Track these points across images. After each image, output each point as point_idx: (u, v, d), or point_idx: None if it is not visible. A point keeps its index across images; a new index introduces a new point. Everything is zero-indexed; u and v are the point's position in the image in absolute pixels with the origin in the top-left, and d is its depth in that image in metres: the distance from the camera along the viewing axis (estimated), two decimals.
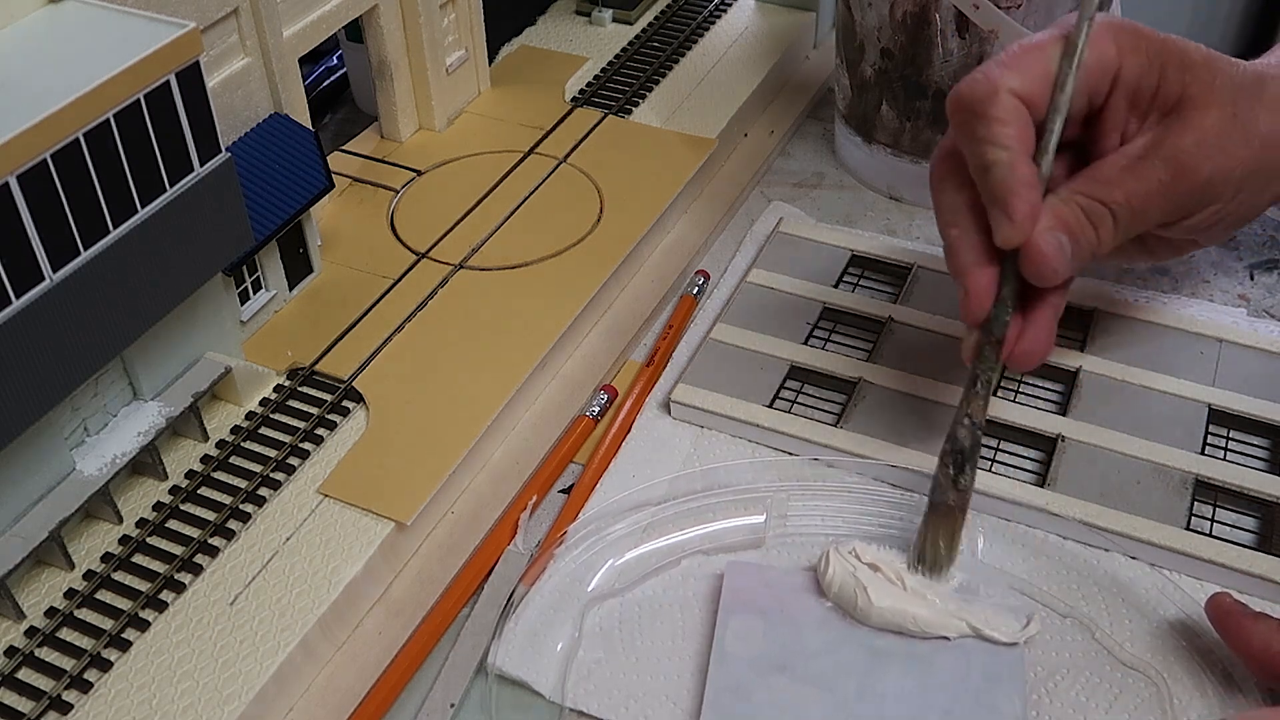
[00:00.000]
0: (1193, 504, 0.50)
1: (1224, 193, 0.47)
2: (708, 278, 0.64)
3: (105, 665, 0.43)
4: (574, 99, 0.74)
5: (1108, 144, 0.48)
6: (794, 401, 0.56)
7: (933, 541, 0.46)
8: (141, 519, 0.48)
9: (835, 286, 0.61)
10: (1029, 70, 0.46)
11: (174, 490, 0.49)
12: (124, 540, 0.47)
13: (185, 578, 0.46)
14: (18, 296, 0.41)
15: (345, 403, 0.53)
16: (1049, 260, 0.45)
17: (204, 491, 0.49)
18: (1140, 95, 0.47)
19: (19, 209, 0.40)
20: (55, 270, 0.42)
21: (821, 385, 0.56)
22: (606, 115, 0.72)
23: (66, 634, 0.44)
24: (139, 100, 0.43)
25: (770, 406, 0.55)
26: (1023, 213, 0.45)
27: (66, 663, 0.43)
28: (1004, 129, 0.45)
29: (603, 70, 0.76)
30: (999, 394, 0.55)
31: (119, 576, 0.46)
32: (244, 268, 0.55)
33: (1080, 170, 0.48)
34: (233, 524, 0.48)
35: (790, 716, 0.43)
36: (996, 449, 0.53)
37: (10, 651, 0.44)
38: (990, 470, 0.51)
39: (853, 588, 0.45)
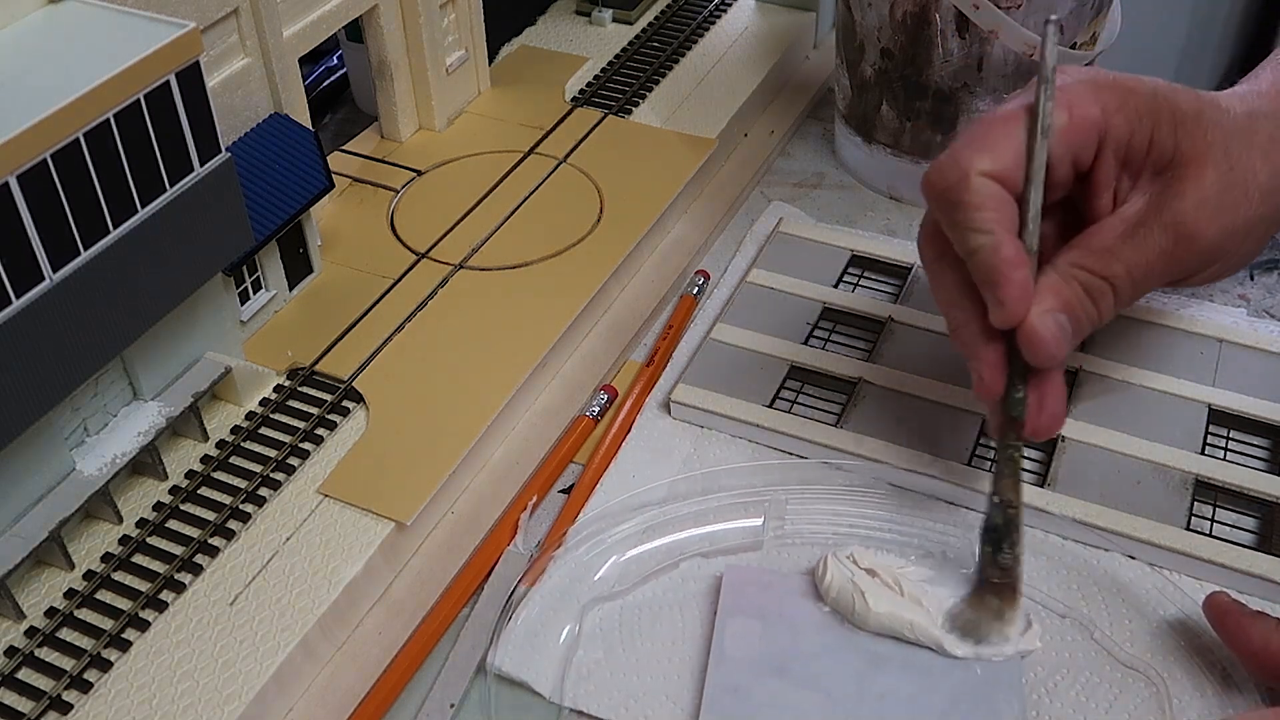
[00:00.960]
0: (1193, 504, 0.50)
1: (1228, 249, 0.46)
2: (708, 278, 0.64)
3: (105, 665, 0.43)
4: (574, 99, 0.74)
5: (1100, 203, 0.47)
6: (794, 402, 0.56)
7: (974, 613, 0.45)
8: (141, 519, 0.48)
9: (835, 286, 0.61)
10: (997, 147, 0.45)
11: (174, 490, 0.49)
12: (124, 540, 0.47)
13: (185, 578, 0.46)
14: (18, 296, 0.41)
15: (345, 403, 0.53)
16: (1047, 345, 0.44)
17: (204, 491, 0.49)
18: (1132, 154, 0.46)
19: (19, 209, 0.40)
20: (55, 270, 0.42)
21: (821, 385, 0.56)
22: (606, 115, 0.72)
23: (66, 634, 0.44)
24: (139, 100, 0.43)
25: (770, 406, 0.55)
26: (1014, 296, 0.43)
27: (66, 663, 0.43)
28: (981, 213, 0.44)
29: (603, 70, 0.76)
30: None
31: (119, 576, 0.46)
32: (244, 268, 0.55)
33: (1074, 231, 0.46)
34: (233, 524, 0.48)
35: (789, 717, 0.43)
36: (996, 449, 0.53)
37: (10, 651, 0.44)
38: (990, 471, 0.51)
39: (850, 593, 0.45)
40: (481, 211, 0.64)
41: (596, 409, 0.56)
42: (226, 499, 0.49)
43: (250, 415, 0.53)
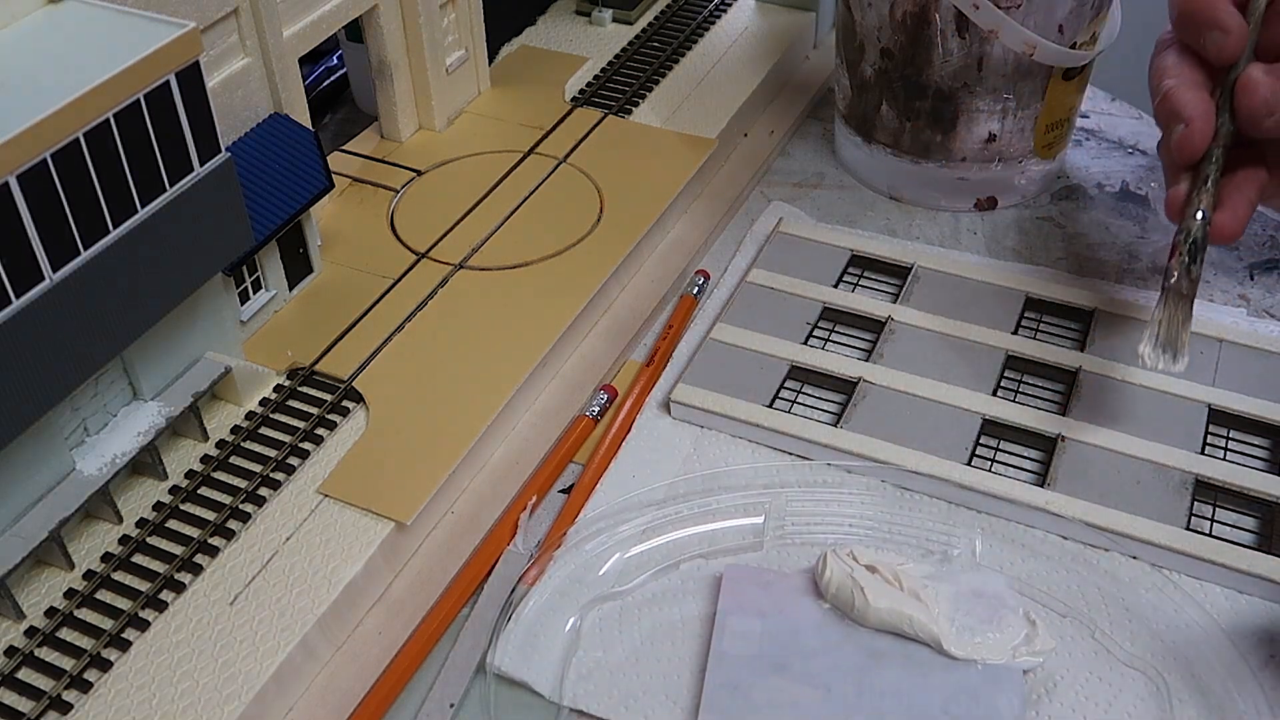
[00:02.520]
0: (1192, 504, 0.50)
1: None
2: (708, 278, 0.64)
3: (105, 665, 0.43)
4: (574, 99, 0.74)
5: None
6: (794, 401, 0.56)
7: (1169, 324, 0.49)
8: (141, 519, 0.48)
9: (835, 286, 0.61)
10: None
11: (174, 490, 0.49)
12: (124, 540, 0.48)
13: (185, 578, 0.46)
14: (18, 296, 0.41)
15: (345, 403, 0.53)
16: (1261, 91, 0.48)
17: (204, 491, 0.49)
18: None
19: (19, 209, 0.40)
20: (55, 270, 0.42)
21: (821, 385, 0.56)
22: (606, 115, 0.72)
23: (66, 634, 0.44)
24: (139, 100, 0.43)
25: (770, 406, 0.55)
26: (1233, 23, 0.48)
27: (66, 663, 0.43)
28: None
29: (603, 70, 0.76)
30: (998, 394, 0.55)
31: (119, 576, 0.46)
32: (244, 268, 0.55)
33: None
34: (233, 524, 0.48)
35: (788, 715, 0.43)
36: (996, 449, 0.53)
37: (10, 651, 0.44)
38: (990, 470, 0.51)
39: (850, 589, 0.45)
40: (481, 211, 0.64)
41: (596, 409, 0.56)
42: (226, 499, 0.49)
43: (250, 415, 0.53)
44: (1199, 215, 0.49)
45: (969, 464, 0.51)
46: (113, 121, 0.42)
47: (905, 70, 0.65)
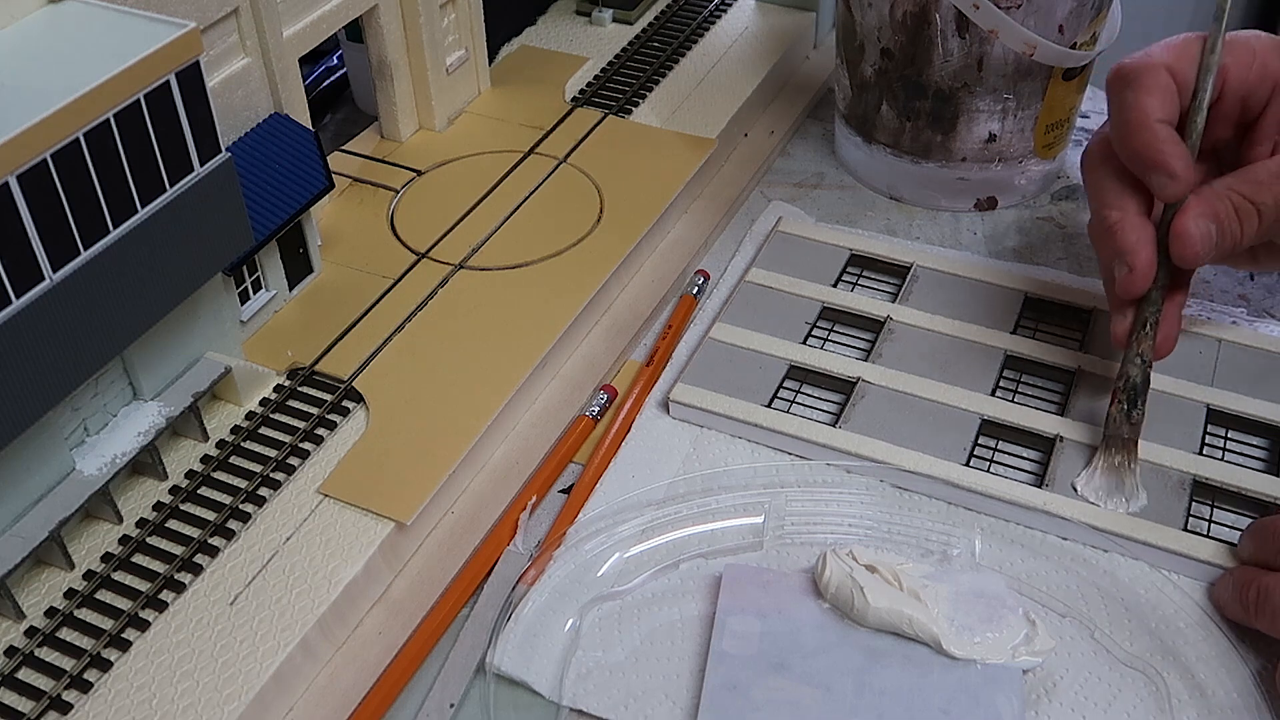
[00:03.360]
0: (1190, 504, 0.50)
1: None
2: (708, 278, 0.64)
3: (105, 665, 0.43)
4: (574, 99, 0.74)
5: (1259, 150, 0.52)
6: (793, 401, 0.56)
7: (1111, 469, 0.50)
8: (141, 519, 0.48)
9: (834, 286, 0.61)
10: (1185, 55, 0.51)
11: (174, 490, 0.49)
12: (124, 540, 0.48)
13: (185, 578, 0.46)
14: (18, 296, 0.41)
15: (345, 403, 0.53)
16: (1195, 244, 0.49)
17: (204, 491, 0.49)
18: None
19: (19, 209, 0.40)
20: (55, 270, 0.42)
21: (820, 385, 0.56)
22: (606, 115, 0.72)
23: (66, 634, 0.44)
24: (139, 100, 0.43)
25: (769, 406, 0.55)
26: (1178, 168, 0.49)
27: (66, 663, 0.43)
28: (1150, 97, 0.50)
29: (603, 70, 0.76)
30: (996, 394, 0.55)
31: (119, 576, 0.46)
32: (244, 268, 0.55)
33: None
34: (233, 524, 0.48)
35: (788, 714, 0.43)
36: (995, 449, 0.53)
37: (10, 651, 0.44)
38: (989, 470, 0.51)
39: (850, 588, 0.45)
40: (481, 211, 0.65)
41: (596, 409, 0.56)
42: (226, 499, 0.49)
43: (250, 415, 0.53)
44: (1138, 360, 0.50)
45: (968, 464, 0.51)
46: (113, 121, 0.42)
47: (905, 70, 0.65)
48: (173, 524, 0.48)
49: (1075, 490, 0.50)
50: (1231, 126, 0.53)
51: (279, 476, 0.50)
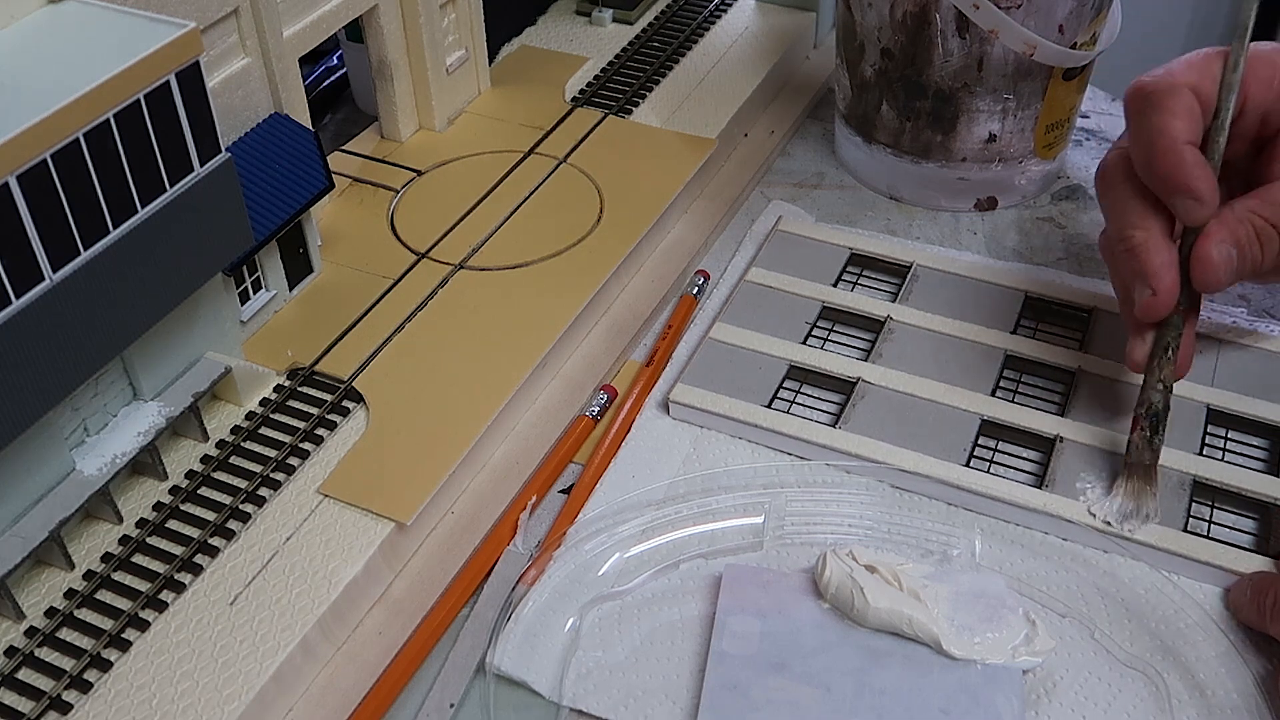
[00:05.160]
0: (1190, 505, 0.50)
1: None
2: (708, 278, 0.64)
3: (105, 665, 0.43)
4: (574, 99, 0.74)
5: (1277, 170, 0.51)
6: (793, 401, 0.56)
7: (1135, 495, 0.49)
8: (141, 519, 0.48)
9: (834, 285, 0.61)
10: (1207, 72, 0.50)
11: (174, 490, 0.49)
12: (124, 540, 0.48)
13: (185, 578, 0.46)
14: (18, 296, 0.41)
15: (345, 403, 0.53)
16: (1216, 269, 0.48)
17: (204, 491, 0.49)
18: None
19: (19, 209, 0.40)
20: (55, 270, 0.42)
21: (820, 385, 0.56)
22: (606, 115, 0.72)
23: (66, 634, 0.44)
24: (139, 100, 0.43)
25: (769, 406, 0.55)
26: (1208, 192, 0.48)
27: (66, 663, 0.43)
28: (1175, 120, 0.49)
29: (603, 70, 0.76)
30: (996, 394, 0.55)
31: (119, 576, 0.46)
32: (244, 268, 0.55)
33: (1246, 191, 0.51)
34: (233, 524, 0.48)
35: (788, 714, 0.43)
36: (995, 449, 0.53)
37: (10, 651, 0.44)
38: (989, 471, 0.51)
39: (850, 589, 0.45)
40: (481, 211, 0.65)
41: (596, 409, 0.56)
42: (226, 499, 0.49)
43: (250, 415, 0.53)
44: (1160, 386, 0.50)
45: (967, 464, 0.51)
46: (113, 122, 0.42)
47: (905, 70, 0.65)
48: (173, 524, 0.48)
49: (1093, 515, 0.49)
50: (1248, 142, 0.52)
51: (279, 476, 0.50)
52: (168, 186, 0.46)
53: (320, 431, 0.52)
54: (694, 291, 0.63)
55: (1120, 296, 0.52)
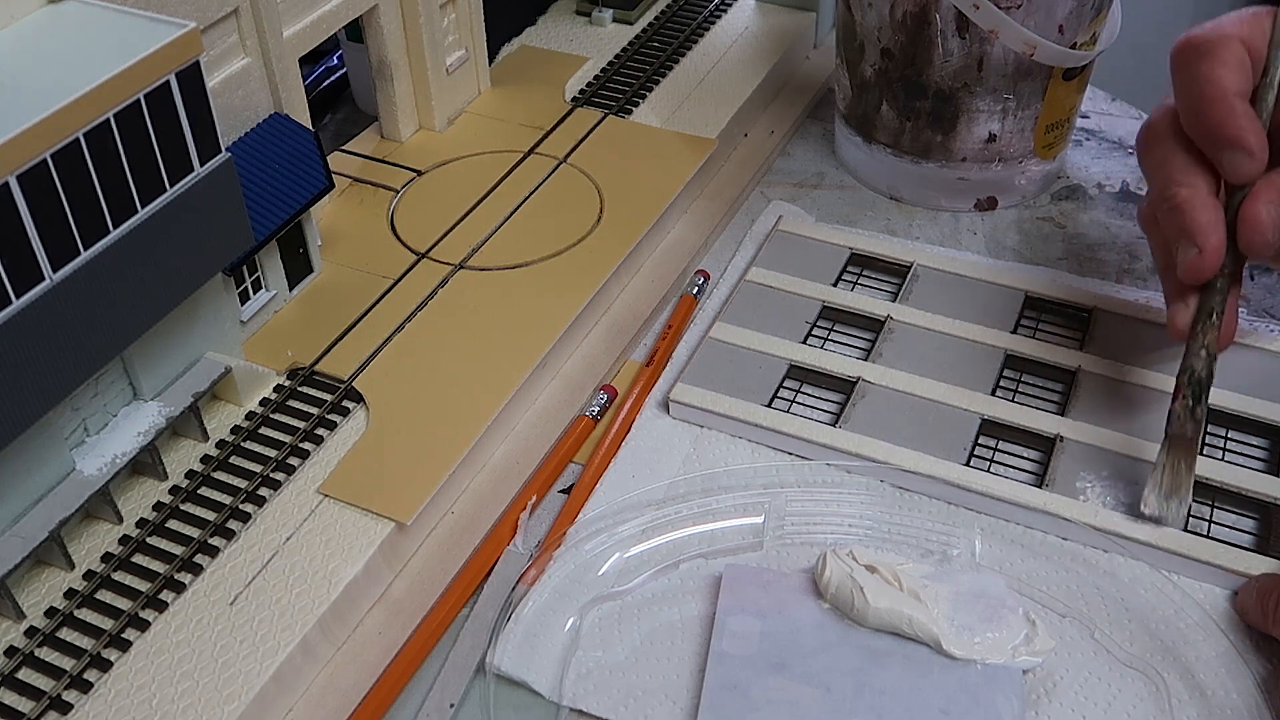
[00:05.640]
0: (1191, 504, 0.50)
1: None
2: (708, 277, 0.64)
3: (105, 665, 0.43)
4: (574, 99, 0.74)
5: None
6: (793, 401, 0.56)
7: (1173, 471, 0.48)
8: (141, 519, 0.48)
9: (834, 285, 0.61)
10: (1258, 28, 0.49)
11: (174, 490, 0.49)
12: (124, 540, 0.48)
13: (185, 578, 0.46)
14: (18, 296, 0.41)
15: (345, 403, 0.53)
16: (1265, 229, 0.47)
17: (204, 491, 0.49)
18: None
19: (19, 209, 0.40)
20: (55, 270, 0.42)
21: (820, 385, 0.56)
22: (606, 115, 0.72)
23: (66, 634, 0.44)
24: (139, 100, 0.43)
25: (769, 406, 0.55)
26: (1253, 142, 0.47)
27: (66, 663, 0.43)
28: (1226, 70, 0.47)
29: (603, 70, 0.76)
30: (997, 394, 0.55)
31: (119, 576, 0.46)
32: (244, 268, 0.55)
33: None
34: (233, 524, 0.48)
35: (788, 714, 0.43)
36: (995, 449, 0.53)
37: (10, 651, 0.44)
38: (989, 470, 0.51)
39: (850, 589, 0.45)
40: (481, 211, 0.65)
41: (596, 409, 0.56)
42: (226, 499, 0.49)
43: (250, 415, 0.53)
44: (1203, 353, 0.48)
45: (968, 464, 0.51)
46: (113, 121, 0.42)
47: (905, 70, 0.65)
48: (173, 524, 0.48)
49: (1142, 513, 0.48)
50: None
51: (279, 476, 0.50)
52: (168, 186, 0.46)
53: (320, 431, 0.52)
54: (694, 291, 0.63)
55: (1161, 264, 0.50)
